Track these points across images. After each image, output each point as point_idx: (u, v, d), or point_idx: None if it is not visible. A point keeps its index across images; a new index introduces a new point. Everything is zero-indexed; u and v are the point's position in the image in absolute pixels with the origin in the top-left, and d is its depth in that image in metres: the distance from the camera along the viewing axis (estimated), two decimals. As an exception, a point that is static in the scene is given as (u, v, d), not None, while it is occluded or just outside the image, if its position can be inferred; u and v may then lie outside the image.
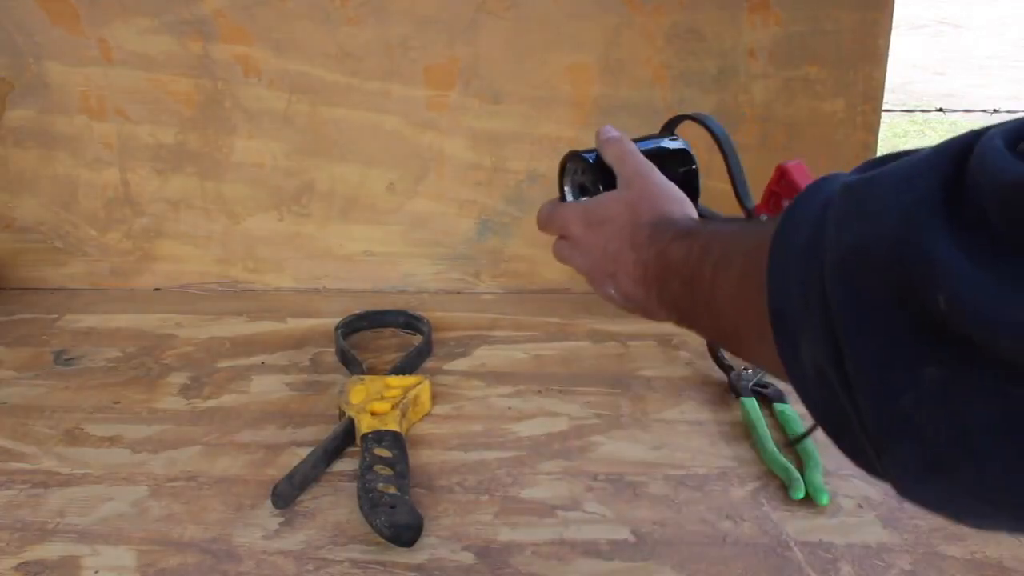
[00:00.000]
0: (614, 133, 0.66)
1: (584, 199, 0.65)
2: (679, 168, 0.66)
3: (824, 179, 0.39)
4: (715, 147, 0.68)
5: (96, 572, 0.60)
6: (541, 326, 0.98)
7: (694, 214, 0.60)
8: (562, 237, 0.65)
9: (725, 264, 0.47)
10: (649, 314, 0.60)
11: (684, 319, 0.55)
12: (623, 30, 0.98)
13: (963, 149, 0.31)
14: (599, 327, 0.97)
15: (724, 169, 0.68)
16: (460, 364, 0.90)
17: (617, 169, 0.64)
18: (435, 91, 1.00)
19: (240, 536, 0.64)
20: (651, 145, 0.67)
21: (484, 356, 0.91)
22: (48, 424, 0.78)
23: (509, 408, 0.81)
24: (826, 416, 0.36)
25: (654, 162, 0.63)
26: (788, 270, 0.37)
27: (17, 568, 0.60)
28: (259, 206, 1.05)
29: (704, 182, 0.67)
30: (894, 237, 0.30)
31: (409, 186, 1.04)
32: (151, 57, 0.99)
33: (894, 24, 0.98)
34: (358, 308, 0.98)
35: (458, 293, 1.07)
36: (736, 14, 0.96)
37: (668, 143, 0.68)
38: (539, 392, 0.84)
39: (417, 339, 0.94)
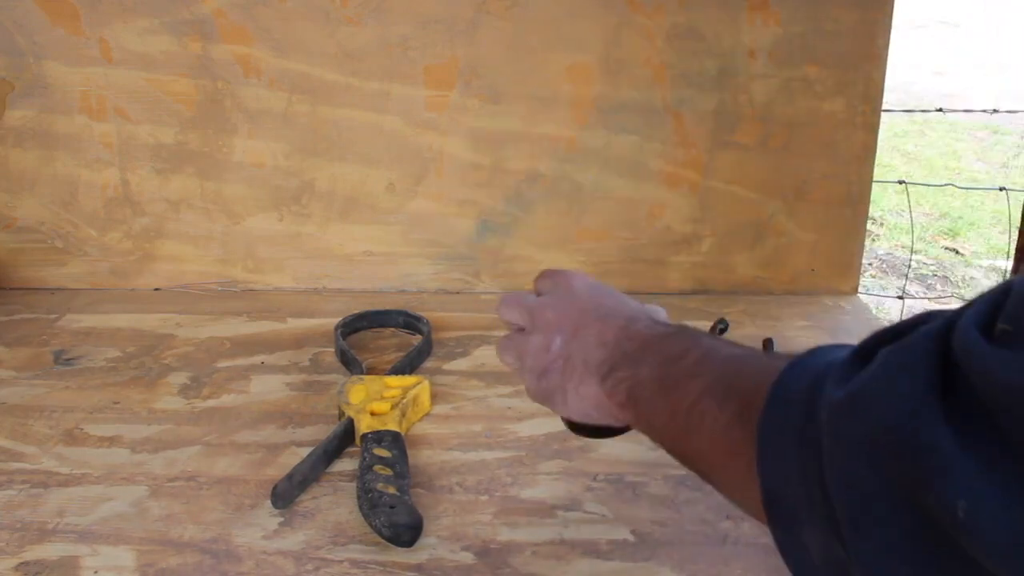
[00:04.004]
0: None
1: None
2: None
3: (811, 353, 0.38)
4: None
5: (96, 572, 0.60)
6: (541, 326, 0.98)
7: None
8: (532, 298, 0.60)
9: (715, 395, 0.44)
10: (582, 388, 0.54)
11: (633, 408, 0.50)
12: (623, 30, 0.98)
13: (948, 332, 0.30)
14: (599, 327, 0.97)
15: None
16: (460, 364, 0.90)
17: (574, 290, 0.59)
18: (435, 91, 1.00)
19: (240, 536, 0.64)
20: None
21: (484, 356, 0.91)
22: (48, 424, 0.78)
23: (509, 408, 0.81)
24: None
25: None
26: (784, 456, 0.35)
27: (17, 568, 0.60)
28: (259, 206, 1.05)
29: None
30: (896, 430, 0.29)
31: (409, 186, 1.04)
32: (151, 57, 0.99)
33: (894, 24, 0.98)
34: (358, 308, 0.98)
35: (458, 293, 1.07)
36: (736, 14, 0.96)
37: None
38: (539, 392, 0.84)
39: (417, 339, 0.94)
